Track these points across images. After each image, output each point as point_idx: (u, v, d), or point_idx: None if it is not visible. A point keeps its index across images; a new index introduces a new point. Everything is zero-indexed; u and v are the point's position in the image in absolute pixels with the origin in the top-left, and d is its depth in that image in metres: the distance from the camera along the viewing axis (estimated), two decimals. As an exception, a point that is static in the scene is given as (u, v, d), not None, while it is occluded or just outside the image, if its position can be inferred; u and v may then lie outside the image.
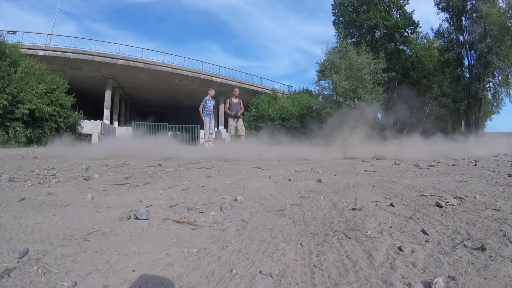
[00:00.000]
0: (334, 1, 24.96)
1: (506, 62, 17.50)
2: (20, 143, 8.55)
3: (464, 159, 4.25)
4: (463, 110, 22.02)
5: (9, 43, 11.00)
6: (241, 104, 8.08)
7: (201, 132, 16.77)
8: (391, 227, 1.13)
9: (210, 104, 8.00)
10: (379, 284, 0.71)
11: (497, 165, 3.35)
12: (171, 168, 2.96)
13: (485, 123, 23.89)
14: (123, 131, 16.40)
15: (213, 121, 8.18)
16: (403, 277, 0.74)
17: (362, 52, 14.01)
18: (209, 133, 8.07)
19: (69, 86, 11.30)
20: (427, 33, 24.83)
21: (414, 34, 24.85)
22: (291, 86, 25.39)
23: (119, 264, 0.83)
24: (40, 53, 15.12)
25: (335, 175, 2.59)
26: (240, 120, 7.94)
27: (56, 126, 9.98)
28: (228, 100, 7.95)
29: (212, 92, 8.13)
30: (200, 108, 7.92)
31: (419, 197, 1.63)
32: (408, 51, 25.09)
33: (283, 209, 1.42)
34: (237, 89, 8.43)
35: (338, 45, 17.09)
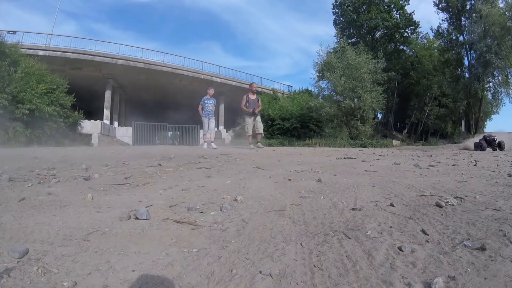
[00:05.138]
0: (334, 1, 24.95)
1: (506, 62, 17.49)
2: (20, 143, 8.54)
3: (464, 159, 4.22)
4: (463, 110, 22.03)
5: (9, 43, 11.00)
6: (259, 101, 7.78)
7: (201, 132, 16.77)
8: (391, 227, 1.13)
9: (209, 103, 7.80)
10: (379, 284, 0.71)
11: (497, 165, 3.35)
12: (171, 168, 2.96)
13: (485, 123, 23.87)
14: (123, 131, 16.41)
15: (212, 120, 7.93)
16: (403, 277, 0.74)
17: (361, 52, 14.00)
18: (209, 133, 7.85)
19: (69, 86, 11.29)
20: (427, 33, 24.81)
21: (414, 34, 24.82)
22: (291, 86, 25.47)
23: (119, 264, 0.83)
24: (40, 53, 15.14)
25: (335, 175, 2.59)
26: (258, 117, 7.60)
27: (56, 126, 9.98)
28: (245, 96, 7.65)
29: (211, 91, 7.93)
30: (199, 108, 7.76)
31: (419, 197, 1.63)
32: (408, 51, 25.10)
33: (283, 209, 1.42)
34: (255, 84, 8.14)
35: (337, 45, 17.08)
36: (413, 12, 23.33)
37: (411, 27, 23.86)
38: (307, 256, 0.88)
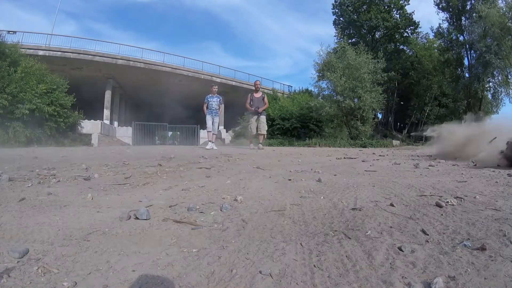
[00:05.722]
0: (334, 1, 24.94)
1: (506, 62, 17.49)
2: (20, 143, 8.54)
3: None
4: (463, 110, 22.03)
5: (9, 43, 11.01)
6: (265, 99, 7.47)
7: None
8: (391, 227, 1.13)
9: (213, 101, 7.59)
10: (379, 284, 0.71)
11: (497, 165, 3.35)
12: (171, 168, 2.96)
13: (485, 123, 23.83)
14: (123, 131, 16.42)
15: (216, 119, 7.68)
16: (403, 277, 0.74)
17: (361, 52, 14.00)
18: (212, 133, 7.61)
19: (69, 86, 11.30)
20: (427, 33, 24.83)
21: (414, 34, 24.81)
22: (291, 86, 25.46)
23: (119, 264, 0.83)
24: (40, 53, 15.14)
25: (335, 175, 2.59)
26: (262, 117, 7.29)
27: (56, 126, 9.98)
28: (249, 94, 7.43)
29: (214, 89, 7.71)
30: (204, 107, 7.57)
31: (419, 197, 1.63)
32: (408, 51, 25.10)
33: (283, 209, 1.42)
34: (258, 82, 7.88)
35: (337, 45, 17.10)
36: (413, 12, 23.35)
37: (411, 27, 23.87)
38: (307, 256, 0.88)
